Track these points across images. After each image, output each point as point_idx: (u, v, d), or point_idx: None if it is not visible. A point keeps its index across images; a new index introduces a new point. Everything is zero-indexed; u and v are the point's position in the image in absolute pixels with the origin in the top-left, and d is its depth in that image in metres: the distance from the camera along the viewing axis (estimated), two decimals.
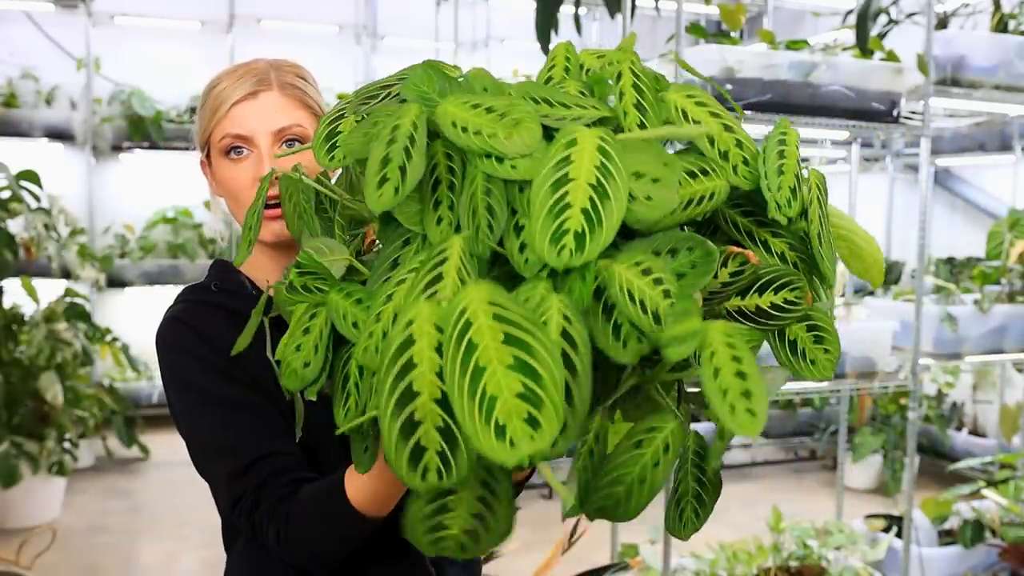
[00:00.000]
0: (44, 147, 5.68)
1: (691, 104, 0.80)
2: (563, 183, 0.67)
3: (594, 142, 0.69)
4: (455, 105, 0.74)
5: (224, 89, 1.14)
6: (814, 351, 0.81)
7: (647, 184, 0.69)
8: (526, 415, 0.58)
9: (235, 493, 1.06)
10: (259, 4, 6.07)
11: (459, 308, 0.61)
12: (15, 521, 4.00)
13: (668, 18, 2.84)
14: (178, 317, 1.14)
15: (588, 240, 0.65)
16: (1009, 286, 3.41)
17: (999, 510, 3.34)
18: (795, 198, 0.78)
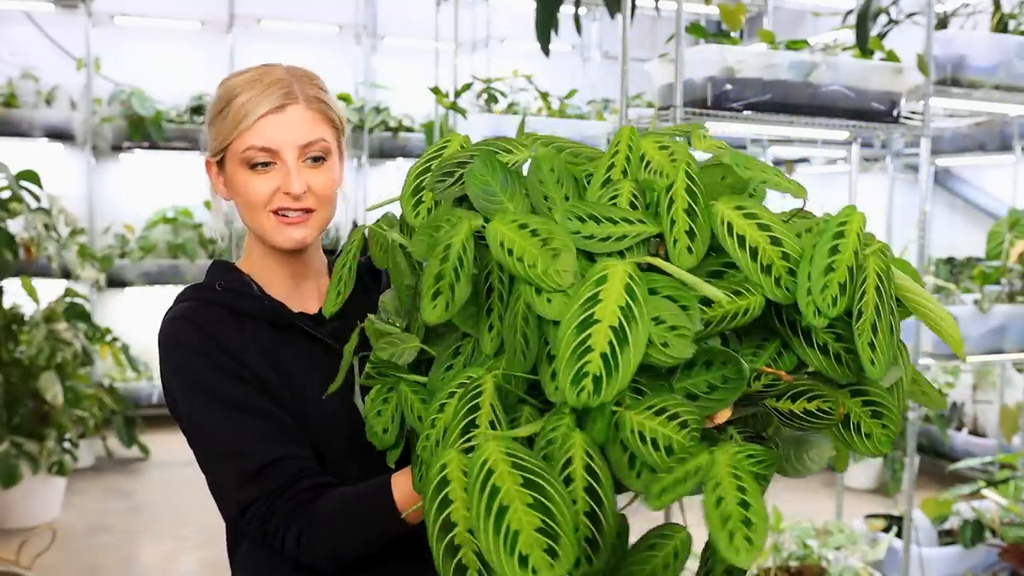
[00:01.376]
0: (44, 147, 5.68)
1: (738, 217, 0.80)
2: (588, 324, 0.73)
3: (623, 280, 0.74)
4: (503, 223, 0.80)
5: (249, 100, 1.12)
6: (870, 425, 0.81)
7: (665, 331, 0.74)
8: (545, 546, 0.69)
9: (245, 498, 1.06)
10: (259, 4, 6.07)
11: (481, 459, 0.71)
12: (15, 521, 4.00)
13: (668, 18, 2.84)
14: (183, 315, 1.13)
15: (605, 384, 0.71)
16: (1009, 286, 3.41)
17: (999, 510, 3.34)
18: (842, 295, 0.77)
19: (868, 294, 0.78)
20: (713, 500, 0.69)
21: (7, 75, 5.54)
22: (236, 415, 1.08)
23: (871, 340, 0.77)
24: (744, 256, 0.79)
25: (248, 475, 1.05)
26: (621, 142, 0.88)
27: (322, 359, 1.15)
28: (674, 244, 0.80)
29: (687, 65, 2.37)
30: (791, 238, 0.81)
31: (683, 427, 0.74)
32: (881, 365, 0.77)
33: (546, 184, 0.86)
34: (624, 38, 2.45)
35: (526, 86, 4.60)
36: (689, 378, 0.78)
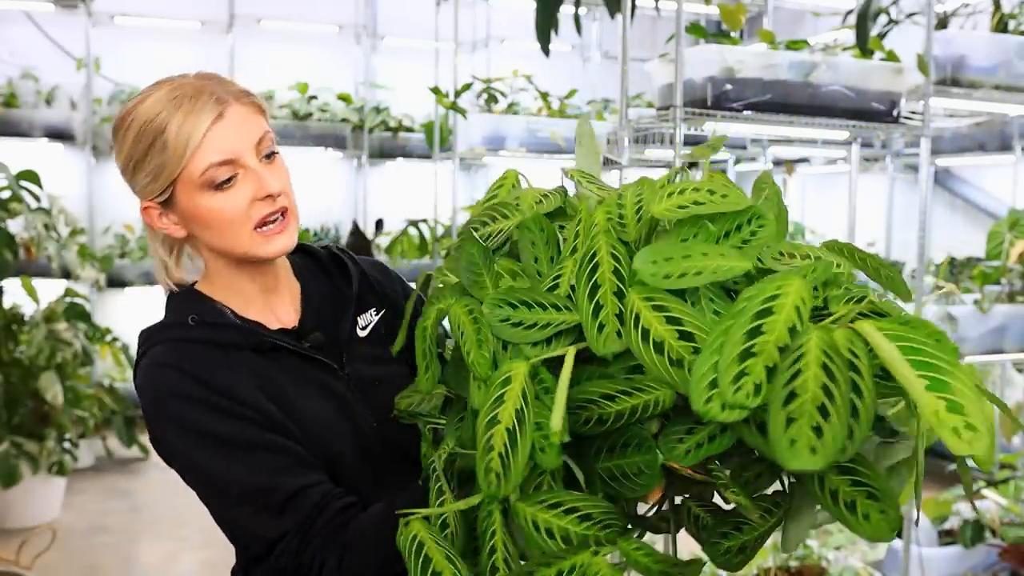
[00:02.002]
0: (44, 147, 5.68)
1: (646, 308, 0.79)
2: (493, 424, 0.80)
3: (521, 383, 0.81)
4: (459, 307, 0.90)
5: (186, 120, 1.04)
6: (867, 506, 0.76)
7: (541, 438, 0.80)
8: None
9: (273, 534, 1.03)
10: (259, 4, 6.07)
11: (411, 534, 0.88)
12: (15, 521, 4.00)
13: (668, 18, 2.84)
14: (163, 362, 1.06)
15: (504, 481, 0.79)
16: (1009, 286, 3.41)
17: (999, 510, 3.34)
18: (756, 395, 0.69)
19: (807, 372, 0.69)
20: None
21: (7, 75, 5.54)
22: (244, 455, 1.03)
23: (816, 423, 0.67)
24: (648, 351, 0.78)
25: (273, 511, 1.02)
26: (581, 213, 0.90)
27: (311, 373, 1.12)
28: (598, 331, 0.81)
29: (687, 65, 2.37)
30: (704, 331, 0.77)
31: (585, 520, 0.80)
32: (825, 453, 0.67)
33: (537, 246, 0.91)
34: (624, 38, 2.45)
35: (526, 86, 4.60)
36: (621, 458, 0.82)
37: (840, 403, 0.68)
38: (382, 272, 1.29)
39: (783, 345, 0.71)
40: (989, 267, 3.46)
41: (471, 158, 4.45)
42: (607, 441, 0.83)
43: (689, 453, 0.78)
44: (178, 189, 1.06)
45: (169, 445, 1.06)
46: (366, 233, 5.89)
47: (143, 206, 1.10)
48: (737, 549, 0.84)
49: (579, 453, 0.85)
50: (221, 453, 1.03)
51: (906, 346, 0.70)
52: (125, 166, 1.09)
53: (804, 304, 0.73)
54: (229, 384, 1.05)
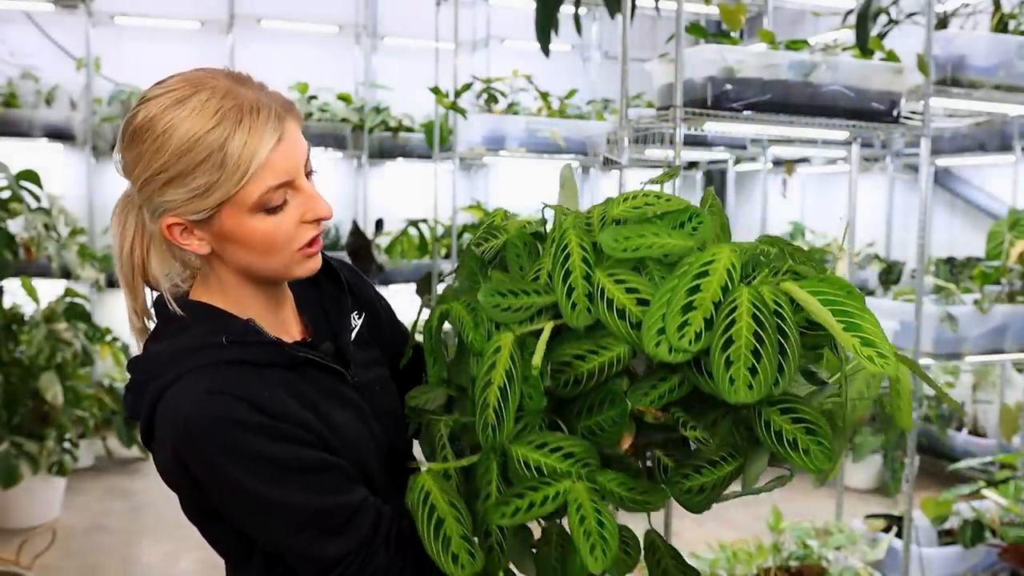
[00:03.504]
0: (44, 147, 5.67)
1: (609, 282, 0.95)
2: (487, 386, 0.95)
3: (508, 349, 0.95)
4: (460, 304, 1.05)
5: (248, 140, 0.97)
6: (806, 441, 0.89)
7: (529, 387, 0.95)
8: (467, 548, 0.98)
9: (337, 553, 1.01)
10: (259, 4, 6.07)
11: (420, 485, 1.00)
12: (15, 521, 4.00)
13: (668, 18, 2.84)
14: (212, 389, 0.98)
15: (499, 430, 0.94)
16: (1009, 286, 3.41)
17: (999, 510, 3.34)
18: (708, 330, 0.87)
19: (740, 322, 0.86)
20: (576, 518, 0.91)
21: (7, 75, 5.54)
22: (303, 478, 1.00)
23: (752, 364, 0.85)
24: (611, 316, 0.93)
25: (333, 533, 1.00)
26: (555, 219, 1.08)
27: (330, 384, 1.10)
28: (572, 308, 0.96)
29: (687, 65, 2.37)
30: (654, 291, 0.93)
31: (568, 457, 0.94)
32: (760, 387, 0.85)
33: (521, 257, 1.08)
34: (624, 38, 2.45)
35: (526, 86, 4.60)
36: (598, 415, 0.96)
37: (769, 346, 0.85)
38: (354, 273, 1.26)
39: (718, 300, 0.88)
40: (989, 267, 3.47)
41: (471, 158, 4.45)
42: (586, 403, 0.97)
43: (654, 402, 0.94)
44: (225, 210, 0.99)
45: (218, 473, 0.98)
46: (366, 233, 5.88)
47: (167, 221, 1.01)
48: (697, 489, 0.95)
49: (563, 416, 0.99)
50: (280, 479, 0.98)
51: (823, 299, 0.88)
52: (150, 177, 0.99)
53: (735, 268, 0.90)
54: (279, 406, 1.00)
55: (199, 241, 1.03)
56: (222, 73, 1.04)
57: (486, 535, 0.99)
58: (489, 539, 0.99)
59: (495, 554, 0.99)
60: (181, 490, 1.06)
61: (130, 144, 1.00)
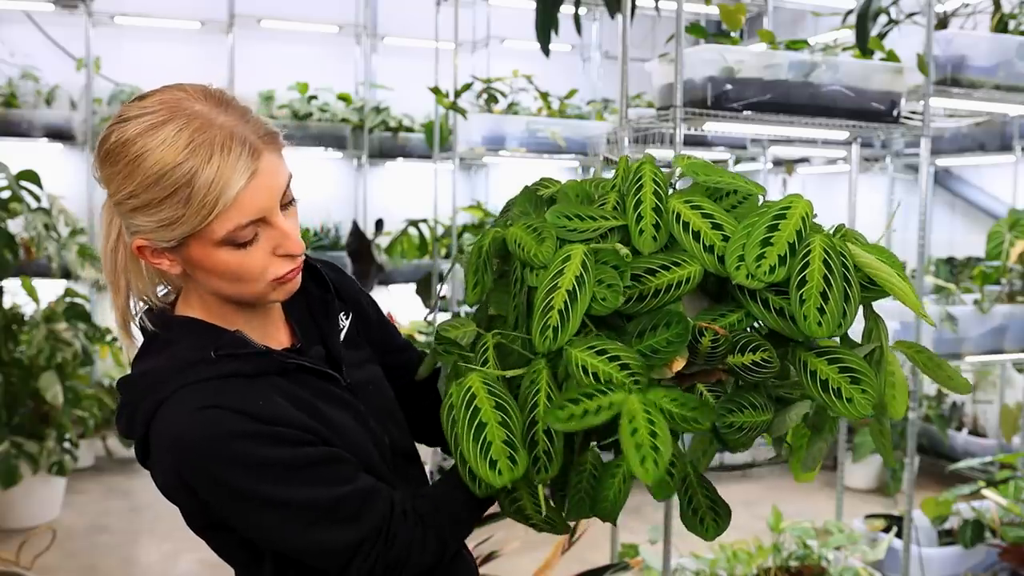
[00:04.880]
0: (44, 147, 5.67)
1: (687, 209, 1.02)
2: (553, 290, 0.97)
3: (580, 257, 0.99)
4: (520, 228, 1.05)
5: (218, 175, 0.94)
6: (850, 390, 0.95)
7: (604, 289, 0.97)
8: (508, 455, 0.97)
9: (355, 539, 1.01)
10: (259, 4, 6.06)
11: (465, 387, 1.00)
12: (15, 521, 4.00)
13: (668, 18, 2.84)
14: (204, 405, 0.97)
15: (561, 332, 0.96)
16: (1009, 286, 3.41)
17: (999, 510, 3.34)
18: (781, 266, 0.95)
19: (813, 265, 0.95)
20: (628, 430, 0.92)
21: (7, 75, 5.54)
22: (310, 474, 1.00)
23: (820, 305, 0.93)
24: (687, 237, 1.00)
25: (350, 519, 1.01)
26: (620, 166, 1.12)
27: (324, 388, 1.10)
28: (640, 233, 1.01)
29: (687, 65, 2.37)
30: (731, 224, 1.00)
31: (623, 368, 0.95)
32: (828, 326, 0.93)
33: (572, 204, 1.10)
34: (624, 38, 2.45)
35: (526, 86, 4.60)
36: (654, 337, 0.98)
37: (836, 289, 0.94)
38: (337, 272, 1.25)
39: (792, 241, 0.96)
40: (989, 267, 3.47)
41: (471, 158, 4.44)
42: (641, 325, 0.99)
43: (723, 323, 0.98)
44: (192, 242, 0.98)
45: (223, 486, 0.98)
46: (366, 233, 5.88)
47: (138, 243, 1.00)
48: (738, 427, 0.98)
49: (621, 337, 1.00)
50: (286, 480, 0.98)
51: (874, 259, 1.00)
52: (121, 200, 0.98)
53: (808, 216, 0.99)
54: (275, 412, 1.00)
55: (170, 262, 1.02)
56: (204, 95, 0.99)
57: (530, 445, 0.98)
58: (536, 448, 0.98)
59: (541, 462, 0.98)
60: (183, 506, 1.06)
61: (103, 162, 0.99)
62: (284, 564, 1.07)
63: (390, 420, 1.18)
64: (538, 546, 2.89)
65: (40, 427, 4.04)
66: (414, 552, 1.05)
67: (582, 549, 2.42)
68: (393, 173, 6.67)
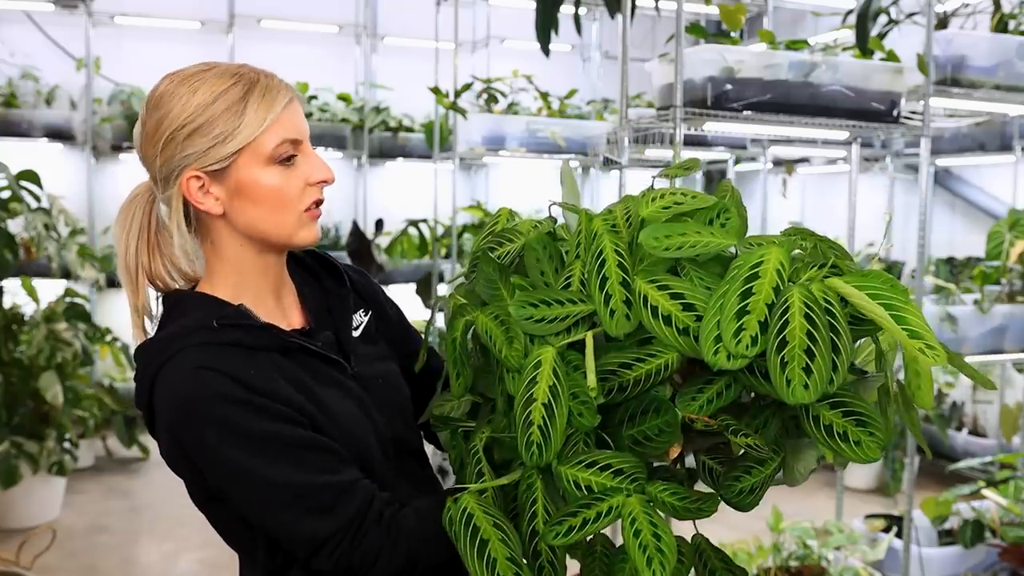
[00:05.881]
0: (44, 147, 5.68)
1: (652, 290, 0.93)
2: (530, 403, 0.93)
3: (550, 364, 0.94)
4: (485, 315, 1.02)
5: (266, 94, 1.06)
6: (857, 433, 0.89)
7: (579, 404, 0.94)
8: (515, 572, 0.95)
9: (325, 531, 1.02)
10: (259, 4, 6.07)
11: (461, 507, 0.97)
12: (15, 521, 4.00)
13: (668, 18, 2.84)
14: (200, 365, 1.01)
15: (546, 450, 0.93)
16: (1009, 286, 3.41)
17: (999, 510, 3.34)
18: (764, 334, 0.86)
19: (793, 323, 0.85)
20: (631, 532, 0.90)
21: (7, 75, 5.54)
22: (291, 455, 1.01)
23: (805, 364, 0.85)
24: (658, 324, 0.92)
25: (322, 510, 1.01)
26: (581, 222, 1.03)
27: (329, 373, 1.12)
28: (611, 315, 0.94)
29: (687, 65, 2.37)
30: (703, 300, 0.91)
31: (618, 474, 0.93)
32: (816, 387, 0.85)
33: (541, 262, 1.05)
34: (624, 38, 2.45)
35: (526, 86, 4.60)
36: (643, 424, 0.95)
37: (822, 344, 0.85)
38: (362, 275, 1.30)
39: (770, 302, 0.87)
40: (989, 267, 3.47)
41: (471, 158, 4.45)
42: (628, 411, 0.96)
43: (702, 407, 0.92)
44: (241, 160, 1.05)
45: (209, 449, 1.00)
46: (366, 233, 5.89)
47: (188, 176, 1.05)
48: (748, 490, 0.95)
49: (606, 425, 0.97)
50: (268, 454, 1.00)
51: (869, 293, 0.87)
52: (174, 132, 1.04)
53: (784, 267, 0.89)
54: (268, 385, 1.03)
55: (215, 200, 1.07)
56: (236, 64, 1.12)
57: (534, 555, 0.97)
58: (539, 559, 0.96)
59: (547, 572, 0.97)
60: (183, 474, 1.08)
61: (154, 109, 1.06)
62: (276, 547, 1.08)
63: (399, 416, 1.19)
64: None
65: (40, 427, 4.04)
66: (381, 558, 1.04)
67: None
68: (393, 173, 6.67)
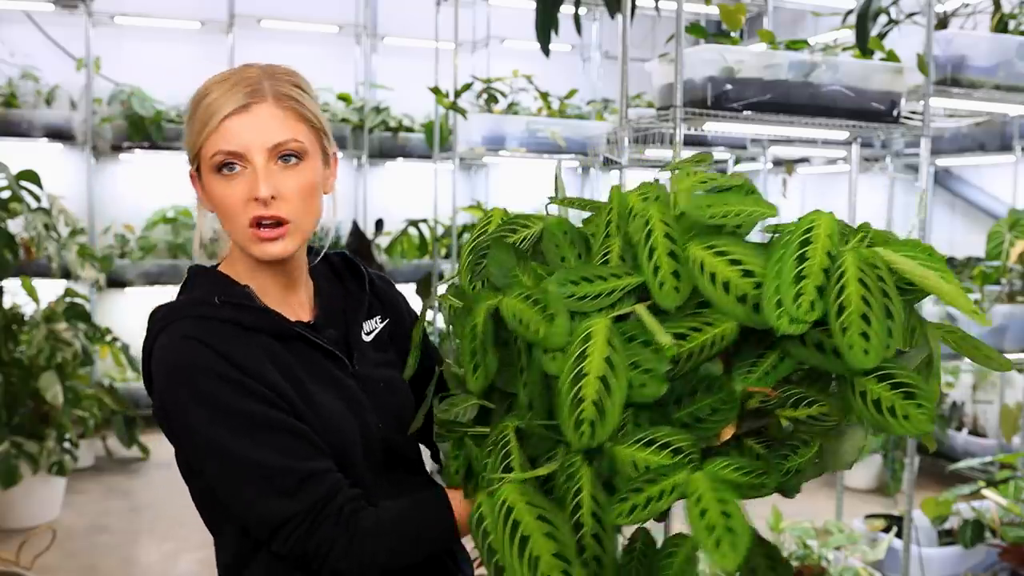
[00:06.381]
0: (44, 147, 5.68)
1: (709, 256, 0.90)
2: (580, 377, 0.85)
3: (604, 335, 0.87)
4: (513, 298, 0.94)
5: (214, 100, 1.06)
6: (905, 407, 0.86)
7: (641, 374, 0.87)
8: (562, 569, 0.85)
9: (284, 513, 1.02)
10: (259, 4, 6.07)
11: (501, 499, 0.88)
12: (15, 521, 4.00)
13: (668, 18, 2.84)
14: (190, 335, 1.05)
15: (599, 427, 0.85)
16: (1009, 286, 3.41)
17: (999, 510, 3.34)
18: (821, 298, 0.85)
19: (849, 288, 0.84)
20: (697, 512, 0.82)
21: (7, 75, 5.54)
22: (263, 435, 1.03)
23: (863, 331, 0.83)
24: (717, 291, 0.88)
25: (284, 493, 1.01)
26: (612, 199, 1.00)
27: (325, 367, 1.13)
28: (660, 287, 0.90)
29: (687, 65, 2.37)
30: (761, 266, 0.88)
31: (676, 453, 0.87)
32: (875, 352, 0.83)
33: (562, 247, 1.00)
34: (624, 38, 2.45)
35: (526, 86, 4.60)
36: (693, 404, 0.90)
37: (877, 309, 0.84)
38: (388, 284, 1.33)
39: (826, 267, 0.85)
40: (989, 267, 3.47)
41: (471, 158, 4.45)
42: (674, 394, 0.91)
43: (760, 380, 0.89)
44: (201, 163, 1.10)
45: (185, 417, 1.03)
46: (366, 233, 5.89)
47: (190, 172, 1.14)
48: (795, 471, 0.92)
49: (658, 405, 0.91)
50: (240, 430, 1.02)
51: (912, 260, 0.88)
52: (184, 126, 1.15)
53: (834, 234, 0.88)
54: (253, 364, 1.05)
55: (201, 192, 1.13)
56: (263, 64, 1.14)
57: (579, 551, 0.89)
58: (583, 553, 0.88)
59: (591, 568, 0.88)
60: (170, 440, 1.10)
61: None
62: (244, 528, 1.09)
63: (395, 423, 1.19)
64: None
65: (40, 427, 4.04)
66: (335, 551, 1.02)
67: None
68: (393, 173, 6.67)
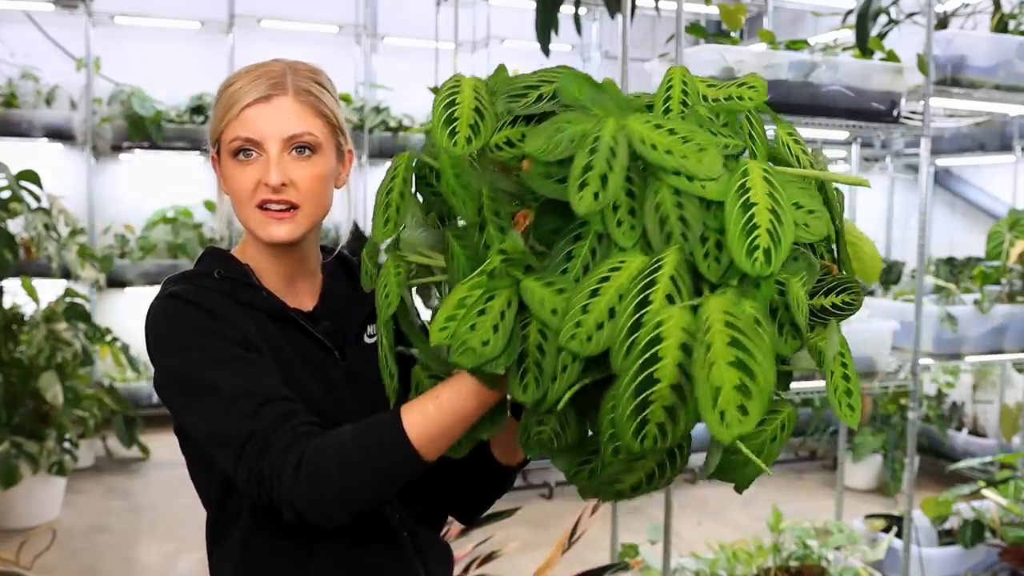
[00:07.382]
0: (44, 147, 5.68)
1: (792, 141, 0.91)
2: (749, 207, 0.80)
3: (761, 173, 0.82)
4: (640, 124, 0.85)
5: (238, 89, 1.12)
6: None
7: (805, 214, 0.84)
8: (739, 404, 0.71)
9: (241, 433, 1.01)
10: (259, 4, 6.07)
11: (705, 316, 0.74)
12: (15, 521, 4.00)
13: (668, 18, 2.84)
14: (180, 296, 1.10)
15: (774, 255, 0.79)
16: (1009, 286, 3.41)
17: (999, 510, 3.34)
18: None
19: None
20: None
21: (7, 75, 5.54)
22: (237, 367, 1.06)
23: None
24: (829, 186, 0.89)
25: (246, 415, 1.02)
26: (675, 80, 0.93)
27: (314, 355, 1.16)
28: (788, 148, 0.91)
29: (687, 65, 2.37)
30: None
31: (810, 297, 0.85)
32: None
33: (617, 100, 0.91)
34: (624, 38, 2.45)
35: None
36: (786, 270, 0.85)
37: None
38: None
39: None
40: (989, 267, 3.47)
41: None
42: None
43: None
44: (221, 147, 1.15)
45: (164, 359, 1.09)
46: (366, 233, 5.88)
47: (212, 155, 1.19)
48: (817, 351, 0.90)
49: None
50: (213, 364, 1.06)
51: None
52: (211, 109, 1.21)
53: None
54: (234, 320, 1.10)
55: (220, 174, 1.17)
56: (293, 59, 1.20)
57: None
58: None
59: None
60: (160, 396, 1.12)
61: None
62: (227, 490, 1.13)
63: None
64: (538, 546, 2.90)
65: (40, 427, 4.04)
66: (286, 470, 0.98)
67: (582, 549, 2.42)
68: None
